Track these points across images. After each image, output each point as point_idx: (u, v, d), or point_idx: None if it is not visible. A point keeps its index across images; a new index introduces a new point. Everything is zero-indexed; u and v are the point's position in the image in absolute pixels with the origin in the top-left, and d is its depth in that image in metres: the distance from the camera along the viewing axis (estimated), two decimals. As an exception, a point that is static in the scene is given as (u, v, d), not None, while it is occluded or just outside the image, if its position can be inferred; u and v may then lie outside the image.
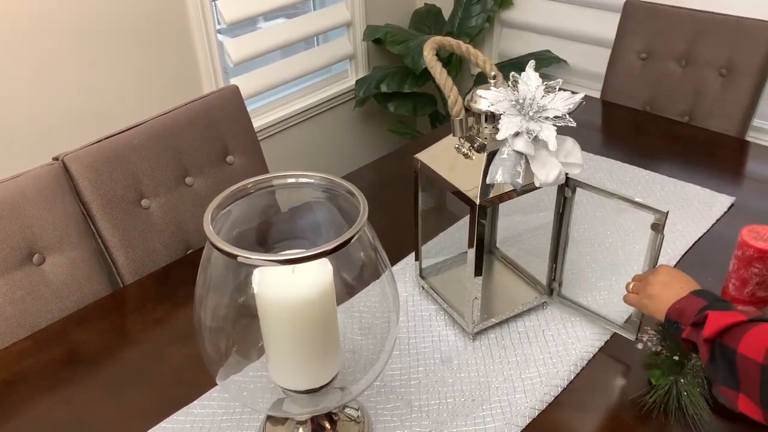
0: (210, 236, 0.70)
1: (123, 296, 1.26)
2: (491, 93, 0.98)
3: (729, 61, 1.81)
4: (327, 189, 0.80)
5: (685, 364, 0.96)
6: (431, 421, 0.97)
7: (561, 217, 1.09)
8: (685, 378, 0.95)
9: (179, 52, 1.98)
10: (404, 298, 1.20)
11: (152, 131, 1.37)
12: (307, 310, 0.79)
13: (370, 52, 2.55)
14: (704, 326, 0.84)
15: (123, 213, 1.32)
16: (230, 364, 0.81)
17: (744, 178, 1.55)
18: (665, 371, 0.97)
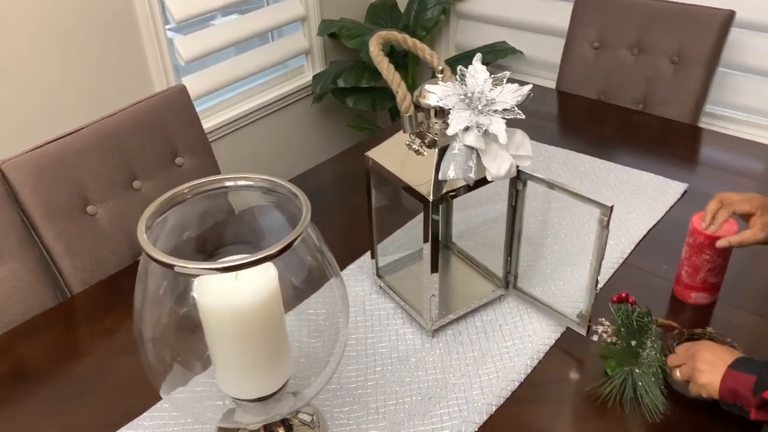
0: (145, 246, 0.68)
1: (70, 307, 1.22)
2: (439, 88, 0.96)
3: (680, 48, 1.83)
4: (269, 191, 0.78)
5: (639, 353, 0.97)
6: (388, 422, 0.95)
7: (514, 209, 1.08)
8: (640, 368, 0.95)
9: (127, 51, 1.92)
10: (361, 297, 1.18)
11: (96, 135, 1.33)
12: (252, 316, 0.76)
13: (326, 46, 2.52)
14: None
15: (67, 221, 1.27)
16: (175, 376, 0.79)
17: (697, 165, 1.57)
18: (620, 361, 0.97)
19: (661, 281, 1.18)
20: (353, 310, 1.15)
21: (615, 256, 1.23)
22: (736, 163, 1.55)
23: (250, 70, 2.28)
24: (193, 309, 0.76)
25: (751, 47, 1.96)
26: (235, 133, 2.30)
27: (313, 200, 1.57)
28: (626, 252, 1.25)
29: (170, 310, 0.76)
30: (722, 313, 1.11)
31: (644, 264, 1.22)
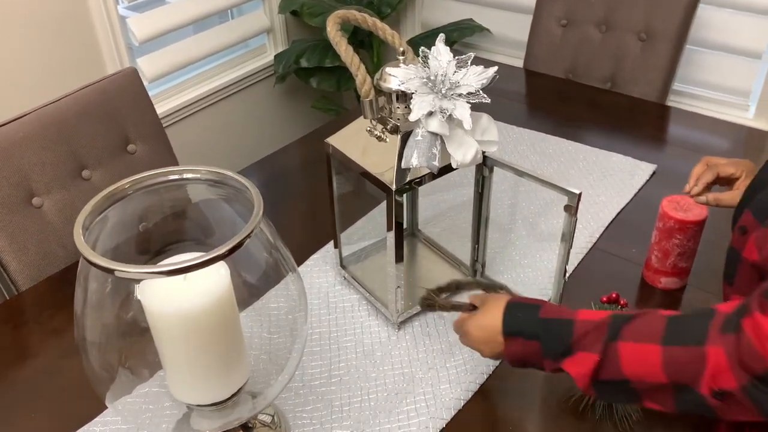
0: (82, 249, 0.62)
1: (16, 305, 1.15)
2: (401, 71, 0.91)
3: (647, 25, 1.80)
4: (218, 183, 0.72)
5: None
6: (353, 420, 0.92)
7: (480, 196, 1.04)
8: None
9: (76, 31, 1.82)
10: (325, 289, 1.14)
11: (41, 122, 1.25)
12: (204, 318, 0.72)
13: (288, 24, 2.44)
14: (572, 378, 0.77)
15: (11, 213, 1.20)
16: (121, 383, 0.74)
17: (665, 144, 1.55)
18: None
19: (631, 265, 1.16)
20: (317, 303, 1.11)
21: (584, 240, 1.21)
22: (704, 141, 1.54)
23: (209, 49, 2.20)
24: (139, 312, 0.71)
25: (718, 24, 1.94)
26: (193, 116, 2.22)
27: (276, 186, 1.53)
28: (595, 236, 1.23)
29: (114, 314, 0.71)
30: (692, 298, 1.10)
31: (613, 248, 1.20)
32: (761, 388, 0.63)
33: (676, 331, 0.71)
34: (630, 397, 0.75)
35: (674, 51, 1.78)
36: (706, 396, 0.67)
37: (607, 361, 0.74)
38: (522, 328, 0.80)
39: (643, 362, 0.71)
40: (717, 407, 0.67)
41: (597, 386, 0.76)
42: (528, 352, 0.80)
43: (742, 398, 0.65)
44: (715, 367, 0.66)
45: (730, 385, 0.65)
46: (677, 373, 0.69)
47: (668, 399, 0.72)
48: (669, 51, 1.79)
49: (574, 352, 0.76)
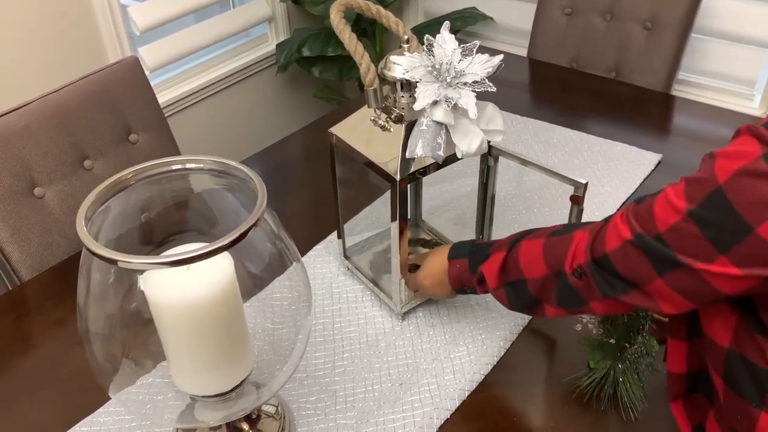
0: (84, 240, 0.62)
1: (19, 295, 1.15)
2: (405, 59, 0.90)
3: (653, 14, 1.78)
4: (221, 173, 0.72)
5: (626, 348, 0.93)
6: (357, 411, 0.91)
7: (485, 186, 1.04)
8: (624, 364, 0.92)
9: (77, 21, 1.81)
10: (328, 280, 1.14)
11: (42, 111, 1.24)
12: (208, 310, 0.71)
13: (290, 13, 2.42)
14: (486, 282, 0.87)
15: (13, 204, 1.19)
16: (125, 374, 0.73)
17: (671, 134, 1.54)
18: (605, 355, 0.93)
19: (636, 256, 1.15)
20: (320, 293, 1.11)
21: (589, 231, 1.20)
22: (710, 131, 1.53)
23: (211, 39, 2.18)
24: (142, 303, 0.70)
25: (724, 12, 1.92)
26: (195, 106, 2.21)
27: (279, 176, 1.52)
28: (600, 226, 1.22)
29: (117, 305, 0.70)
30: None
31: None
32: (597, 270, 0.73)
33: (563, 227, 0.83)
34: (529, 299, 0.83)
35: (679, 40, 1.77)
36: (569, 275, 0.76)
37: (510, 258, 0.85)
38: (458, 253, 0.93)
39: (532, 254, 0.82)
40: (577, 287, 0.76)
41: (504, 287, 0.86)
42: (461, 269, 0.91)
43: (591, 278, 0.74)
44: (576, 247, 0.76)
45: (582, 261, 0.74)
46: (552, 258, 0.79)
47: (552, 293, 0.80)
48: (674, 40, 1.77)
49: (489, 256, 0.87)
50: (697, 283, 0.64)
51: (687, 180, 0.65)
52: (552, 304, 0.81)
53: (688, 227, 0.63)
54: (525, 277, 0.82)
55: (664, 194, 0.66)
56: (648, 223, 0.67)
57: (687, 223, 0.63)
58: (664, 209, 0.65)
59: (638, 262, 0.68)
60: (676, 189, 0.65)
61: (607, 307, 0.76)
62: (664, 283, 0.67)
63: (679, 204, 0.64)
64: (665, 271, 0.66)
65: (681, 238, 0.64)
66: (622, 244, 0.69)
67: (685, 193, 0.64)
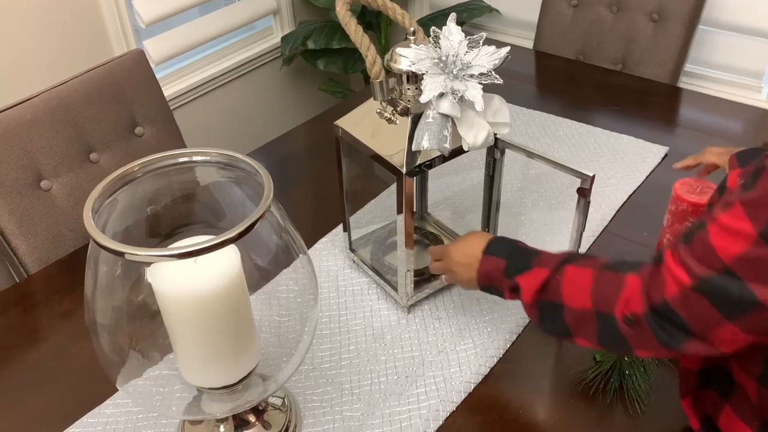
0: (92, 232, 0.62)
1: (26, 288, 1.15)
2: (412, 51, 0.90)
3: (659, 5, 1.77)
4: (228, 166, 0.72)
5: None
6: (363, 403, 0.92)
7: (491, 179, 1.03)
8: (630, 358, 0.92)
9: (82, 13, 1.81)
10: (334, 273, 1.14)
11: (48, 104, 1.24)
12: (215, 302, 0.71)
13: (295, 5, 2.42)
14: (521, 293, 0.81)
15: (19, 197, 1.20)
16: (132, 366, 0.74)
17: (677, 126, 1.53)
18: None
19: (642, 249, 1.15)
20: (326, 286, 1.11)
21: (595, 224, 1.20)
22: (717, 124, 1.52)
23: (216, 31, 2.18)
24: (149, 295, 0.70)
25: (731, 4, 1.91)
26: (200, 99, 2.21)
27: (284, 169, 1.52)
28: (606, 219, 1.22)
29: (124, 297, 0.71)
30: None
31: (625, 231, 1.19)
32: (656, 320, 0.67)
33: (616, 263, 0.75)
34: (561, 327, 0.78)
35: (686, 32, 1.76)
36: (618, 321, 0.70)
37: (553, 279, 0.78)
38: (498, 249, 0.87)
39: (578, 283, 0.76)
40: (628, 335, 0.70)
41: (539, 305, 0.79)
42: (495, 267, 0.85)
43: (646, 326, 0.68)
44: (630, 292, 0.69)
45: (637, 310, 0.68)
46: (598, 297, 0.73)
47: (592, 331, 0.74)
48: (681, 32, 1.76)
49: (531, 268, 0.81)
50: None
51: (743, 202, 0.59)
52: (588, 340, 0.76)
53: (762, 252, 0.57)
54: (564, 303, 0.76)
55: (718, 223, 0.61)
56: (709, 259, 0.61)
57: (759, 247, 0.57)
58: (725, 239, 0.59)
59: (703, 308, 0.62)
60: (733, 213, 0.59)
61: (655, 354, 0.71)
62: (736, 326, 0.61)
63: (743, 228, 0.58)
64: (737, 313, 0.60)
65: (752, 266, 0.58)
66: (682, 290, 0.64)
67: (748, 215, 0.58)
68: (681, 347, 0.66)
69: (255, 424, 0.86)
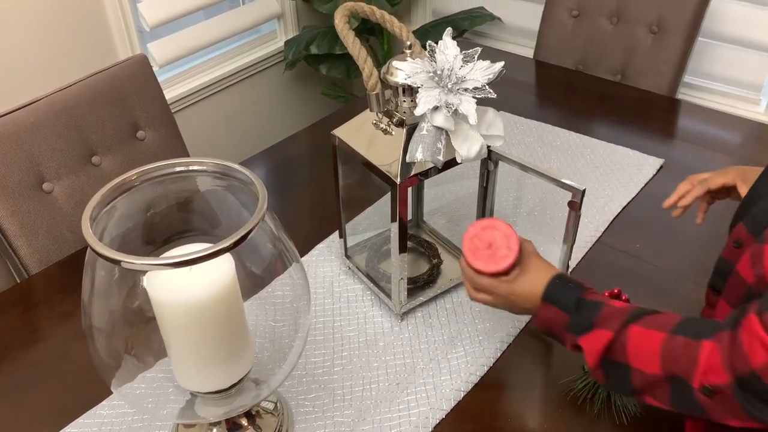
0: (89, 240, 0.63)
1: (27, 288, 1.17)
2: (407, 64, 0.92)
3: (660, 17, 1.79)
4: (223, 175, 0.73)
5: None
6: (354, 409, 0.93)
7: (485, 190, 1.05)
8: None
9: (88, 16, 1.83)
10: (329, 279, 1.15)
11: (51, 108, 1.26)
12: (209, 308, 0.73)
13: (299, 10, 2.44)
14: (584, 355, 0.78)
15: (21, 198, 1.22)
16: (127, 370, 0.75)
17: (674, 138, 1.54)
18: None
19: (635, 260, 1.16)
20: (321, 292, 1.13)
21: (588, 234, 1.21)
22: (713, 136, 1.53)
23: (220, 35, 2.20)
24: (145, 301, 0.72)
25: (731, 17, 1.92)
26: (203, 102, 2.23)
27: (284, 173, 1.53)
28: (600, 230, 1.23)
29: (120, 303, 0.72)
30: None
31: (618, 242, 1.20)
32: (742, 392, 0.64)
33: (686, 325, 0.71)
34: (629, 388, 0.75)
35: (685, 44, 1.77)
36: (696, 391, 0.67)
37: (618, 341, 0.74)
38: (560, 299, 0.81)
39: (646, 346, 0.72)
40: (706, 405, 0.68)
41: (604, 366, 0.76)
42: (557, 321, 0.81)
43: (731, 397, 0.65)
44: (708, 362, 0.66)
45: (720, 381, 0.65)
46: (671, 363, 0.70)
47: (665, 394, 0.72)
48: (680, 44, 1.77)
49: (594, 329, 0.77)
50: None
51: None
52: (660, 402, 0.73)
53: None
54: (630, 365, 0.74)
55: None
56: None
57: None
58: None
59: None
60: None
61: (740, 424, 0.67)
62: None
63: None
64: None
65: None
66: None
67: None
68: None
69: (247, 428, 0.88)
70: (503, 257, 0.83)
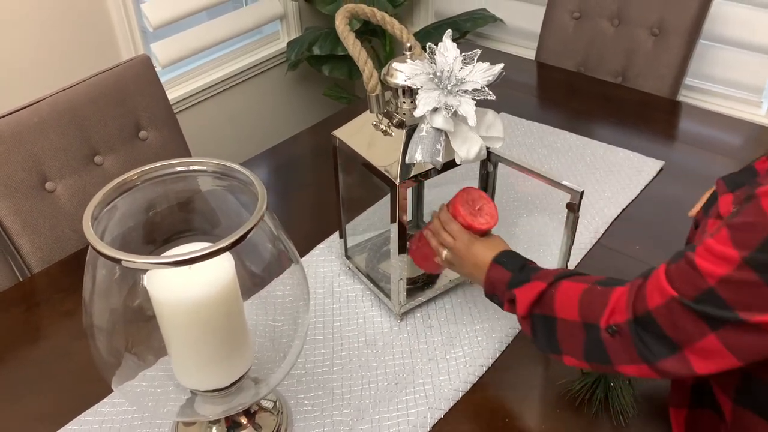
0: (91, 239, 0.64)
1: (29, 287, 1.18)
2: (407, 66, 0.92)
3: (660, 20, 1.79)
4: (223, 176, 0.74)
5: None
6: (353, 408, 0.94)
7: (485, 191, 1.05)
8: None
9: (91, 17, 1.84)
10: (330, 279, 1.16)
11: (54, 108, 1.27)
12: (209, 307, 0.73)
13: (301, 11, 2.45)
14: (516, 305, 0.85)
15: (24, 197, 1.23)
16: (128, 368, 0.76)
17: (675, 141, 1.55)
18: None
19: (634, 262, 1.17)
20: (321, 292, 1.13)
21: (588, 236, 1.22)
22: (715, 139, 1.53)
23: (223, 36, 2.21)
24: (145, 300, 0.73)
25: (732, 19, 1.92)
26: (205, 102, 2.24)
27: (286, 173, 1.54)
28: (600, 232, 1.23)
29: (121, 301, 0.73)
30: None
31: (617, 245, 1.21)
32: (638, 330, 0.69)
33: (608, 279, 0.79)
34: (553, 342, 0.81)
35: (686, 47, 1.77)
36: (602, 330, 0.73)
37: (548, 292, 0.81)
38: (506, 262, 0.90)
39: (570, 296, 0.79)
40: (609, 345, 0.73)
41: (534, 317, 0.83)
42: (501, 279, 0.88)
43: (628, 335, 0.70)
44: (615, 303, 0.73)
45: (622, 319, 0.71)
46: (587, 308, 0.76)
47: (579, 344, 0.77)
48: (681, 47, 1.78)
49: (530, 281, 0.84)
50: (753, 338, 0.61)
51: (731, 226, 0.61)
52: (575, 355, 0.78)
53: (745, 276, 0.59)
54: (556, 315, 0.79)
55: (704, 246, 0.63)
56: (694, 280, 0.63)
57: (743, 271, 0.59)
58: (711, 261, 0.62)
59: (686, 319, 0.64)
60: (719, 237, 0.61)
61: (634, 371, 0.72)
62: (715, 339, 0.62)
63: (728, 253, 0.60)
64: (717, 328, 0.62)
65: (737, 289, 0.60)
66: (667, 301, 0.66)
67: (733, 240, 0.60)
68: (658, 362, 0.68)
69: (246, 426, 0.88)
70: (485, 222, 0.96)
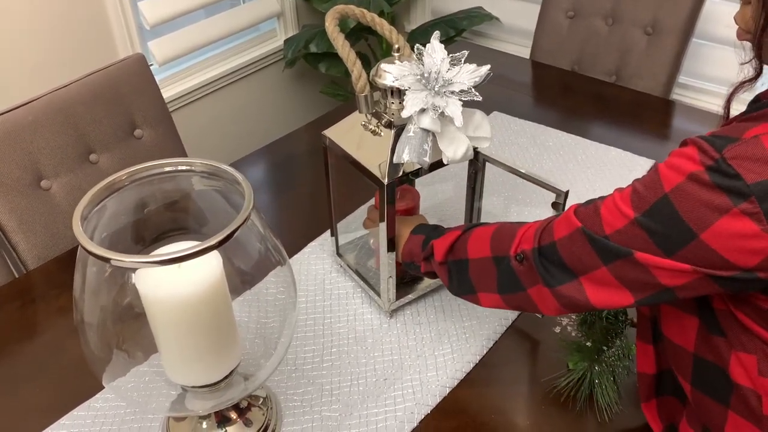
0: (80, 239, 0.65)
1: (24, 284, 1.20)
2: (395, 67, 0.93)
3: (654, 19, 1.80)
4: (211, 175, 0.75)
5: (604, 351, 0.96)
6: (341, 404, 0.95)
7: (473, 190, 1.07)
8: (600, 366, 0.94)
9: (88, 15, 1.85)
10: (321, 276, 1.18)
11: (49, 107, 1.28)
12: (197, 305, 0.75)
13: (298, 9, 2.46)
14: (433, 256, 0.91)
15: (20, 195, 1.24)
16: (118, 364, 0.77)
17: (667, 140, 1.56)
18: (583, 357, 0.97)
19: (622, 261, 1.18)
20: (312, 290, 1.15)
21: (577, 234, 1.23)
22: (705, 138, 1.54)
23: (220, 33, 2.22)
24: (135, 298, 0.74)
25: (725, 18, 1.93)
26: (202, 100, 2.25)
27: (281, 171, 1.55)
28: (588, 230, 1.25)
29: (111, 299, 0.74)
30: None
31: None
32: (540, 258, 0.75)
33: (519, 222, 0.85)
34: (468, 284, 0.87)
35: (680, 46, 1.78)
36: (512, 258, 0.79)
37: (462, 240, 0.88)
38: (424, 230, 0.97)
39: (481, 237, 0.86)
40: (518, 271, 0.79)
41: (449, 265, 0.89)
42: (415, 243, 0.96)
43: (532, 262, 0.76)
44: (524, 234, 0.80)
45: (528, 247, 0.77)
46: (497, 242, 0.82)
47: (492, 279, 0.83)
48: (675, 46, 1.79)
49: (445, 233, 0.92)
50: (641, 274, 0.67)
51: (634, 188, 0.67)
52: (489, 291, 0.84)
53: (635, 231, 0.65)
54: (468, 257, 0.86)
55: (612, 198, 0.69)
56: (594, 224, 0.69)
57: (634, 228, 0.65)
58: (611, 213, 0.68)
59: (584, 251, 0.70)
60: (623, 195, 0.68)
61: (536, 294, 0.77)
62: (607, 271, 0.69)
63: (626, 210, 0.66)
64: (611, 261, 0.68)
65: (628, 239, 0.66)
66: (571, 233, 0.71)
67: (632, 200, 0.66)
68: (558, 287, 0.74)
69: (236, 421, 0.90)
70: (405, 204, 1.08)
